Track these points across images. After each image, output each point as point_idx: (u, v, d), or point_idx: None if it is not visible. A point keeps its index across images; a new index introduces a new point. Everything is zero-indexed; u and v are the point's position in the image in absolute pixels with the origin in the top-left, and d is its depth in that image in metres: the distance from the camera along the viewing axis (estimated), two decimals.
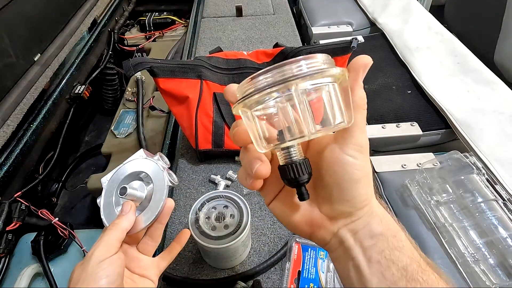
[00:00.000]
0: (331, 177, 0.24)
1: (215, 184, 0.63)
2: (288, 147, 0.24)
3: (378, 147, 0.73)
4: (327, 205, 0.25)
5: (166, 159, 0.39)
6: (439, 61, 0.84)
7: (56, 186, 0.88)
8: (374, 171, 0.62)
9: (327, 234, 0.26)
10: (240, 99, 0.22)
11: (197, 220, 0.47)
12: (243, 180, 0.27)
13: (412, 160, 0.63)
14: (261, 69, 0.22)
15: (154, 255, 0.38)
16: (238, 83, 0.22)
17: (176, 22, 1.28)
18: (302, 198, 0.25)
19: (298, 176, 0.24)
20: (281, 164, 0.25)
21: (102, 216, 0.35)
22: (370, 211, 0.25)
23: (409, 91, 0.79)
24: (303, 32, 1.19)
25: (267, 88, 0.21)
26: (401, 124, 0.70)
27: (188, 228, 0.44)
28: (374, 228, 0.24)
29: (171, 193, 0.64)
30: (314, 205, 0.26)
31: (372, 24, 1.09)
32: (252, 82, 0.22)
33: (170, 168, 0.71)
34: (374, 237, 0.24)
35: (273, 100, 0.22)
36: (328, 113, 0.24)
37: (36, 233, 0.60)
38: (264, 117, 0.24)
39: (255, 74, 0.22)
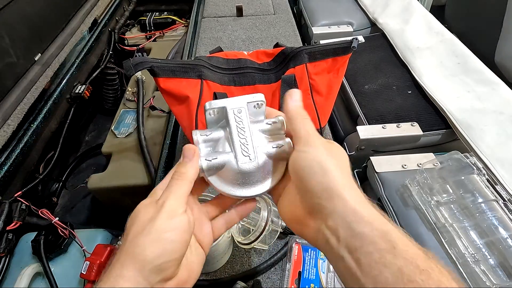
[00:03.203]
0: (295, 174, 0.27)
1: None
2: None
3: (378, 147, 0.73)
4: (300, 200, 0.27)
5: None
6: (440, 61, 0.84)
7: (57, 185, 0.88)
8: (374, 171, 0.62)
9: (312, 232, 0.26)
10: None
11: None
12: None
13: (413, 160, 0.63)
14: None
15: None
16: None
17: (177, 22, 1.28)
18: None
19: None
20: None
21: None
22: (343, 205, 0.24)
23: (410, 91, 0.79)
24: (304, 32, 1.19)
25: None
26: (401, 124, 0.70)
27: None
28: (355, 227, 0.23)
29: None
30: (298, 203, 0.28)
31: (373, 24, 1.09)
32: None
33: (170, 167, 0.71)
34: (356, 236, 0.23)
35: None
36: None
37: (36, 232, 0.60)
38: None
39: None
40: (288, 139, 0.29)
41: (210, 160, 0.28)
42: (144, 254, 0.24)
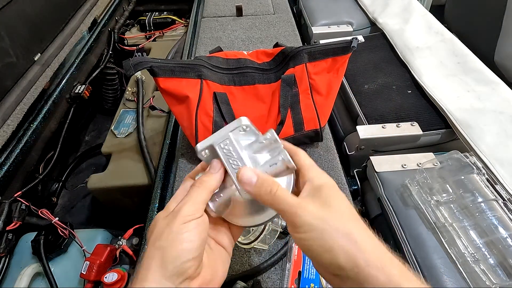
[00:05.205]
0: (318, 251, 0.26)
1: None
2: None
3: (378, 147, 0.73)
4: (319, 264, 0.27)
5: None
6: (439, 61, 0.84)
7: (56, 185, 0.88)
8: (374, 171, 0.62)
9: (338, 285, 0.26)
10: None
11: None
12: None
13: (412, 160, 0.63)
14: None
15: None
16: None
17: (176, 22, 1.28)
18: None
19: None
20: None
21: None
22: (360, 274, 0.24)
23: (409, 91, 0.79)
24: (303, 32, 1.19)
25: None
26: (401, 124, 0.70)
27: None
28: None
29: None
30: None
31: (372, 24, 1.09)
32: None
33: (170, 167, 0.71)
34: None
35: None
36: None
37: (36, 232, 0.60)
38: None
39: None
40: (284, 151, 0.29)
41: (217, 200, 0.30)
42: (165, 256, 0.26)
